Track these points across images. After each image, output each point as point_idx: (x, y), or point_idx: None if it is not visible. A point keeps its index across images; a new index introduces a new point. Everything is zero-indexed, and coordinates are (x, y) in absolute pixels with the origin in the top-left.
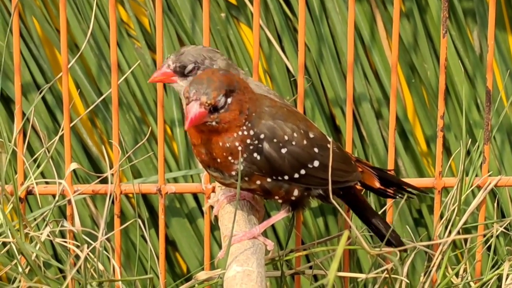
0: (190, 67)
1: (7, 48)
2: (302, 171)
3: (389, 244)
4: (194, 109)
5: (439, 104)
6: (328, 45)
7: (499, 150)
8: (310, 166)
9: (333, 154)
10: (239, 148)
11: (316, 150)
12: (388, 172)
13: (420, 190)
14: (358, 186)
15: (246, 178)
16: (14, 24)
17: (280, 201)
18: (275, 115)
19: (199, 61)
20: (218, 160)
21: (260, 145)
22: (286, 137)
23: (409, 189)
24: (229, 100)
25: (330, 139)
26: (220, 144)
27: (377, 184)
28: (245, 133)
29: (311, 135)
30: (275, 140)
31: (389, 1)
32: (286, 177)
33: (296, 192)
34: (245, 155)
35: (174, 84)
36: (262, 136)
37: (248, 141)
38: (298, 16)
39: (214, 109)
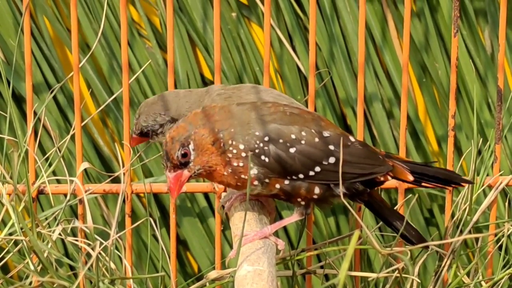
0: (145, 131)
1: (19, 48)
2: (317, 169)
3: (409, 242)
4: (169, 179)
5: (450, 104)
6: (339, 45)
7: (510, 150)
8: (325, 163)
9: (354, 150)
10: (241, 164)
11: (331, 147)
12: (426, 165)
13: (459, 183)
14: (390, 180)
15: (266, 181)
16: (25, 24)
17: (303, 202)
18: (276, 120)
19: (150, 123)
20: (239, 184)
21: (266, 148)
22: (293, 136)
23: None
24: (190, 146)
25: (352, 139)
26: (225, 173)
27: (410, 178)
28: (235, 150)
29: (326, 134)
30: (281, 141)
31: (400, 1)
32: (301, 176)
33: (317, 190)
34: (251, 165)
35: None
36: (266, 138)
37: (244, 154)
38: (309, 16)
39: (183, 163)
